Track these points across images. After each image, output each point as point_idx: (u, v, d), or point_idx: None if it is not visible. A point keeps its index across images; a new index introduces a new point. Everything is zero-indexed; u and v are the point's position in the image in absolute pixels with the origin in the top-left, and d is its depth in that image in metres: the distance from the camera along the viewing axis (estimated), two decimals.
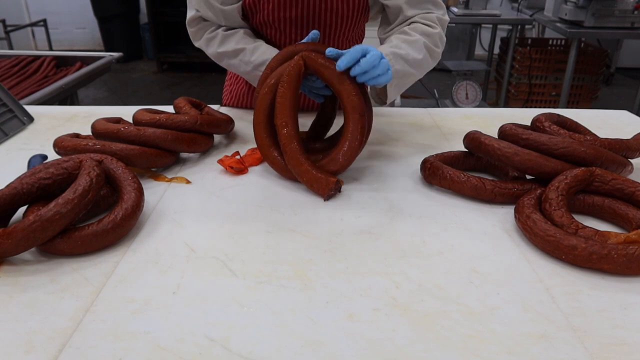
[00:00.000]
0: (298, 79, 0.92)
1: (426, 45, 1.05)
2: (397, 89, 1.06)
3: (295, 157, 0.90)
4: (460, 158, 0.99)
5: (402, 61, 1.00)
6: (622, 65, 5.17)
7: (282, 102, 0.92)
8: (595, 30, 3.08)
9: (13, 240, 0.67)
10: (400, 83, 1.05)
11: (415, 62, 1.03)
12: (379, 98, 1.10)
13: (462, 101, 3.37)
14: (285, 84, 0.92)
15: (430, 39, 1.07)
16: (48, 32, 4.53)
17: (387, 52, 0.99)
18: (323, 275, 0.69)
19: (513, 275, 0.69)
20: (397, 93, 1.07)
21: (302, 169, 0.89)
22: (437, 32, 1.08)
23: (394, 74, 0.98)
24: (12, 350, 0.56)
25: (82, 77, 2.37)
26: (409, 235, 0.79)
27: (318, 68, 0.92)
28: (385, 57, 0.92)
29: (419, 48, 1.04)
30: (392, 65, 0.96)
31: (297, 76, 0.92)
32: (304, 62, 0.92)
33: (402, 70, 1.01)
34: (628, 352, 0.56)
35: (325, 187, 0.87)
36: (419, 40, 1.05)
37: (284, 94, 0.92)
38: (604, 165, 0.85)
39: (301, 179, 0.90)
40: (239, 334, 0.58)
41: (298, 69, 0.92)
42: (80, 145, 0.92)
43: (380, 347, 0.56)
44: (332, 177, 0.88)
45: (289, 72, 0.92)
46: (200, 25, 1.15)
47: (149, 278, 0.68)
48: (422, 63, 1.05)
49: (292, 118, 0.92)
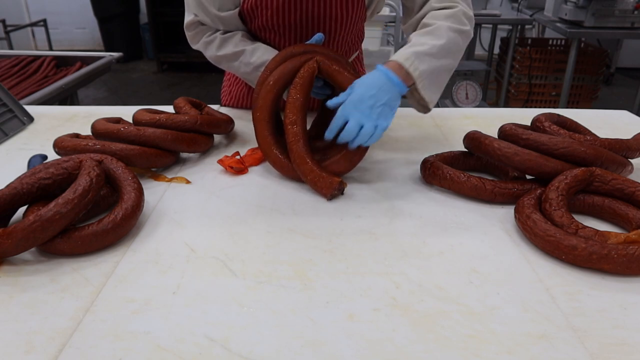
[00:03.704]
0: (310, 82, 0.96)
1: (451, 28, 0.97)
2: (433, 88, 0.98)
3: (300, 156, 0.91)
4: (460, 158, 0.99)
5: (427, 58, 0.93)
6: (622, 65, 5.17)
7: (294, 102, 0.95)
8: (595, 30, 3.08)
9: (13, 240, 0.67)
10: (434, 81, 0.97)
11: (442, 51, 0.95)
12: (419, 105, 1.02)
13: (462, 101, 3.37)
14: (298, 85, 0.95)
15: (453, 19, 0.99)
16: (48, 32, 4.53)
17: (407, 54, 0.93)
18: (323, 275, 0.69)
19: (513, 275, 0.69)
20: (437, 92, 1.00)
21: (307, 167, 0.90)
22: (459, 9, 1.00)
23: (422, 74, 0.93)
24: (12, 350, 0.56)
25: (82, 77, 2.37)
26: (409, 235, 0.79)
27: (332, 73, 0.96)
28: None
29: (441, 34, 0.96)
30: (418, 66, 0.92)
31: (310, 78, 0.96)
32: (317, 66, 0.96)
33: (430, 68, 0.94)
34: (628, 352, 0.56)
35: (328, 187, 0.88)
36: (440, 26, 0.97)
37: (295, 94, 0.95)
38: (604, 165, 0.85)
39: (305, 177, 0.91)
40: (239, 334, 0.58)
41: (312, 72, 0.96)
42: (80, 145, 0.92)
43: (380, 347, 0.56)
44: (336, 178, 0.88)
45: (303, 75, 0.95)
46: (198, 29, 1.16)
47: (149, 278, 0.68)
48: (449, 47, 0.96)
49: (302, 118, 0.94)
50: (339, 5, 1.07)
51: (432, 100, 0.99)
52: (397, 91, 0.91)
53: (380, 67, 0.92)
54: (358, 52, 1.31)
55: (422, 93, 0.95)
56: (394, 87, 0.91)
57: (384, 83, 0.90)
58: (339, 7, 1.08)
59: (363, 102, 0.88)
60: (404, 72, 0.92)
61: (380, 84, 0.90)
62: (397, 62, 0.92)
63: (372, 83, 0.90)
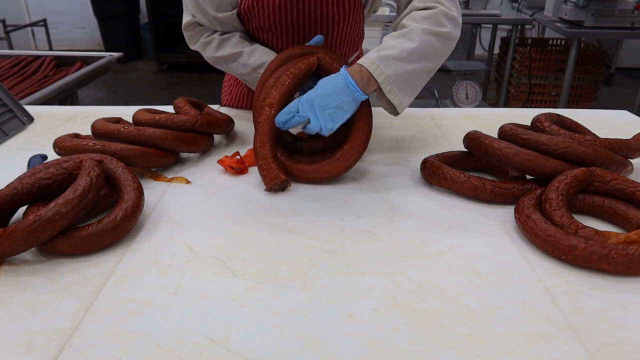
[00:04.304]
0: (305, 74, 0.96)
1: (425, 30, 0.94)
2: (404, 91, 0.95)
3: (262, 140, 0.92)
4: (460, 158, 0.99)
5: (394, 62, 0.92)
6: (622, 65, 5.17)
7: (280, 86, 0.95)
8: (595, 30, 3.08)
9: (13, 240, 0.67)
10: (404, 85, 0.94)
11: (413, 54, 0.93)
12: (389, 107, 1.00)
13: (462, 101, 3.37)
14: (290, 74, 0.95)
15: (431, 20, 0.96)
16: (48, 32, 4.53)
17: (373, 58, 0.92)
18: (323, 275, 0.69)
19: (513, 275, 0.69)
20: (409, 95, 0.97)
21: (264, 152, 0.91)
22: (439, 10, 0.96)
23: (387, 78, 0.92)
24: (12, 350, 0.56)
25: (82, 77, 2.37)
26: (409, 235, 0.79)
27: (331, 71, 0.96)
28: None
29: (414, 37, 0.94)
30: (383, 71, 0.91)
31: (306, 71, 0.96)
32: (318, 63, 0.96)
33: (397, 72, 0.92)
34: (628, 352, 0.56)
35: (272, 179, 0.89)
36: (414, 29, 0.94)
37: (284, 81, 0.95)
38: (604, 165, 0.85)
39: (257, 161, 0.92)
40: (239, 334, 0.58)
41: (310, 66, 0.96)
42: (80, 145, 0.92)
43: (380, 347, 0.56)
44: (282, 174, 0.89)
45: (299, 66, 0.95)
46: (196, 30, 1.16)
47: (149, 278, 0.68)
48: (421, 50, 0.93)
49: (281, 104, 0.94)
50: (336, 5, 1.07)
51: (401, 104, 0.97)
52: (352, 96, 0.91)
53: (343, 71, 0.92)
54: (358, 52, 1.31)
55: (388, 97, 0.95)
56: (350, 93, 0.90)
57: (340, 88, 0.90)
58: (336, 7, 1.08)
59: (316, 102, 0.90)
60: (366, 77, 0.91)
61: (336, 88, 0.90)
62: (361, 66, 0.91)
63: (329, 86, 0.91)
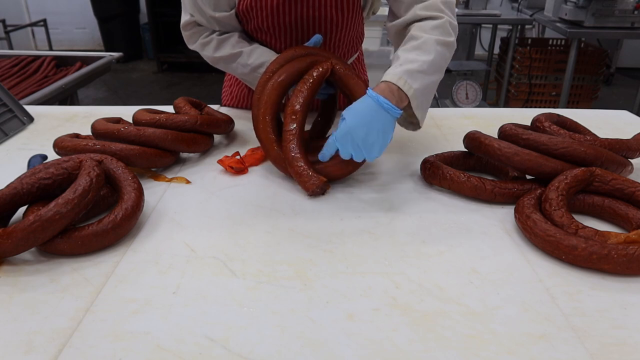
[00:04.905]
0: (321, 82, 0.97)
1: (438, 41, 0.94)
2: (424, 105, 0.95)
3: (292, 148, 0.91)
4: (460, 158, 0.99)
5: (420, 76, 0.90)
6: (622, 65, 5.17)
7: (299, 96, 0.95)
8: (595, 30, 3.08)
9: (13, 240, 0.67)
10: (425, 98, 0.94)
11: (432, 67, 0.92)
12: (410, 124, 0.99)
13: (462, 101, 3.37)
14: (308, 82, 0.96)
15: (441, 30, 0.96)
16: (48, 32, 4.53)
17: (399, 73, 0.89)
18: (323, 275, 0.69)
19: (513, 275, 0.69)
20: (427, 109, 0.97)
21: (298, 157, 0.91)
22: (445, 20, 0.97)
23: (415, 92, 0.89)
24: (12, 350, 0.56)
25: (82, 77, 2.37)
26: (409, 235, 0.79)
27: (344, 77, 0.97)
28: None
29: (429, 49, 0.93)
30: (411, 85, 0.88)
31: (321, 78, 0.97)
32: (332, 70, 0.97)
33: (422, 86, 0.90)
34: (628, 352, 0.56)
35: (312, 184, 0.87)
36: (427, 40, 0.94)
37: (304, 89, 0.96)
38: (604, 165, 0.85)
39: (291, 169, 0.91)
40: (239, 334, 0.58)
41: (324, 73, 0.97)
42: (80, 145, 0.92)
43: (380, 347, 0.56)
44: (322, 177, 0.88)
45: (314, 74, 0.96)
46: (194, 30, 1.15)
47: (149, 278, 0.68)
48: (438, 62, 0.93)
49: (303, 113, 0.95)
50: (334, 6, 1.07)
51: (423, 118, 0.95)
52: (390, 117, 0.87)
53: (371, 93, 0.87)
54: (358, 53, 1.31)
55: (416, 112, 0.92)
56: (386, 114, 0.86)
57: (374, 110, 0.86)
58: (334, 9, 1.08)
59: (353, 134, 0.85)
60: (397, 93, 0.88)
61: (370, 112, 0.86)
62: (389, 83, 0.88)
63: (362, 112, 0.86)
